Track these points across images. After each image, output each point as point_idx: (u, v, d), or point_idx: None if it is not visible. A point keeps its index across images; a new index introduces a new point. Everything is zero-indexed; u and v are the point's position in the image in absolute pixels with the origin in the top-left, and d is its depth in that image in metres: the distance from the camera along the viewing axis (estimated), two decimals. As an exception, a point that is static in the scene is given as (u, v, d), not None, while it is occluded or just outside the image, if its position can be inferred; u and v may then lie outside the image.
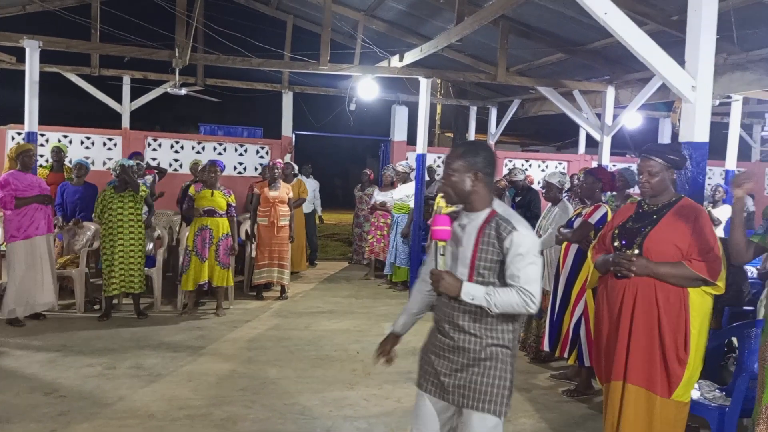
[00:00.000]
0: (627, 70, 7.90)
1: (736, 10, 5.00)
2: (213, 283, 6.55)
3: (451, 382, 2.48)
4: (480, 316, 2.41)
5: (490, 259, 2.40)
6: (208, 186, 6.56)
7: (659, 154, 3.08)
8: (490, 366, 2.43)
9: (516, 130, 15.37)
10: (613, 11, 3.65)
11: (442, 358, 2.53)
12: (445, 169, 2.51)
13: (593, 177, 4.90)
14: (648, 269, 2.97)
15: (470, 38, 7.05)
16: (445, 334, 2.52)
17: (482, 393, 2.42)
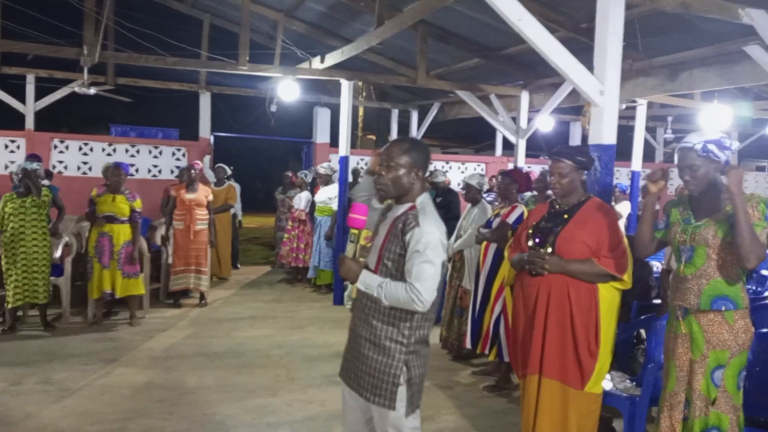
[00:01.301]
0: (540, 75, 8.19)
1: (640, 18, 5.29)
2: (116, 293, 6.16)
3: (354, 370, 2.55)
4: (379, 308, 2.44)
5: (394, 251, 2.43)
6: (111, 190, 6.23)
7: (568, 156, 3.22)
8: (382, 361, 2.45)
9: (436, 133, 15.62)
10: (527, 18, 3.77)
11: (351, 348, 2.60)
12: (387, 161, 2.47)
13: (509, 178, 5.05)
14: (560, 266, 3.09)
15: (391, 41, 7.10)
16: (354, 322, 2.59)
17: (373, 386, 2.46)
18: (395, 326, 2.44)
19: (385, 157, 2.49)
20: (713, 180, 2.80)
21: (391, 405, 2.43)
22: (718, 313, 2.74)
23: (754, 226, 2.66)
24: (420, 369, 2.50)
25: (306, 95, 11.01)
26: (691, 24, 5.62)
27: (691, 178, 2.80)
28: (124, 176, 6.26)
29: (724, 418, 2.74)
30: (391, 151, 2.48)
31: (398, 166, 2.45)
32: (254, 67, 7.80)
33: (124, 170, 6.26)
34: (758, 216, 2.68)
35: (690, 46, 6.31)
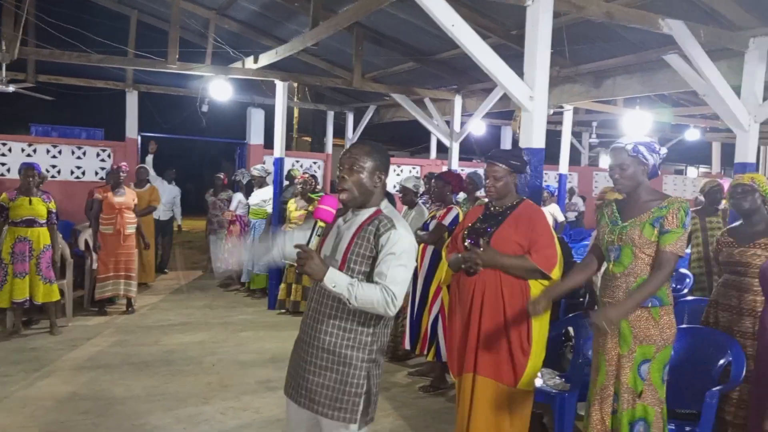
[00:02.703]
0: (473, 80, 8.36)
1: (567, 27, 5.48)
2: (36, 299, 5.84)
3: (305, 385, 2.39)
4: (340, 314, 2.33)
5: (362, 253, 2.33)
6: (24, 192, 5.90)
7: (503, 160, 3.30)
8: (343, 371, 2.33)
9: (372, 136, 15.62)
10: (460, 24, 3.83)
11: (300, 359, 2.44)
12: (350, 164, 2.37)
13: (443, 181, 5.13)
14: (493, 260, 3.17)
15: (326, 43, 7.07)
16: (306, 332, 2.44)
17: (332, 399, 2.33)
18: (357, 333, 2.34)
19: (347, 159, 2.39)
20: (640, 182, 2.93)
21: (352, 418, 2.32)
22: (645, 310, 2.86)
23: (671, 232, 2.80)
24: (378, 379, 2.42)
25: (239, 95, 10.81)
26: (615, 33, 5.87)
27: (620, 176, 2.92)
28: (38, 177, 5.95)
29: (650, 410, 2.86)
30: (353, 154, 2.39)
31: (361, 169, 2.37)
32: (184, 65, 7.60)
33: (37, 170, 5.95)
34: (676, 223, 2.82)
35: (614, 55, 6.59)
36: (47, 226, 5.95)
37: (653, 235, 2.84)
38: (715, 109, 5.33)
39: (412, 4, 3.85)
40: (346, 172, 2.38)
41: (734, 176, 3.94)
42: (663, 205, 2.87)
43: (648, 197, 2.93)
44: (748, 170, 4.71)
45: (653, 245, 2.85)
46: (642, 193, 2.94)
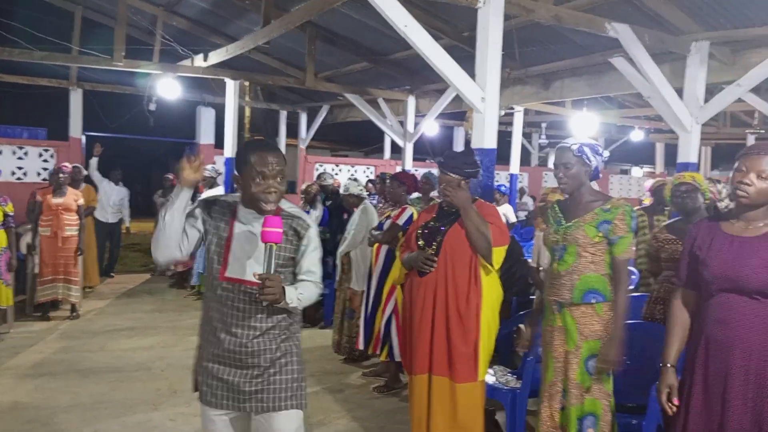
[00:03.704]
0: (425, 81, 8.42)
1: (517, 29, 5.57)
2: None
3: (249, 389, 2.36)
4: (273, 314, 2.36)
5: (285, 256, 2.35)
6: None
7: (457, 170, 3.29)
8: (286, 362, 2.40)
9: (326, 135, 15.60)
10: (413, 24, 3.84)
11: (233, 367, 2.36)
12: (282, 173, 2.33)
13: (397, 181, 5.13)
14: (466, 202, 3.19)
15: (278, 42, 7.00)
16: (235, 341, 2.34)
17: (284, 391, 2.38)
18: (289, 325, 2.44)
19: (279, 168, 2.32)
20: (583, 182, 3.00)
21: (303, 403, 2.42)
22: (589, 306, 2.94)
23: (622, 239, 2.90)
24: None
25: (188, 94, 10.60)
26: (563, 36, 6.00)
27: (563, 175, 2.99)
28: None
29: (599, 404, 2.94)
30: (280, 162, 2.34)
31: (282, 173, 2.35)
32: (131, 63, 7.41)
33: None
34: (625, 229, 2.90)
35: (562, 57, 6.74)
36: (4, 228, 5.76)
37: (596, 236, 2.92)
38: (659, 110, 5.52)
39: (365, 4, 3.84)
40: (281, 182, 2.34)
41: (675, 175, 4.08)
42: (606, 207, 2.94)
43: (590, 198, 3.01)
44: (690, 170, 4.88)
45: (596, 245, 2.93)
46: (584, 194, 3.02)
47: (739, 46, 5.46)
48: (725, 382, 2.30)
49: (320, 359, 5.69)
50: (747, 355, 2.26)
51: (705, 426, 2.37)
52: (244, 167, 2.31)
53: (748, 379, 2.25)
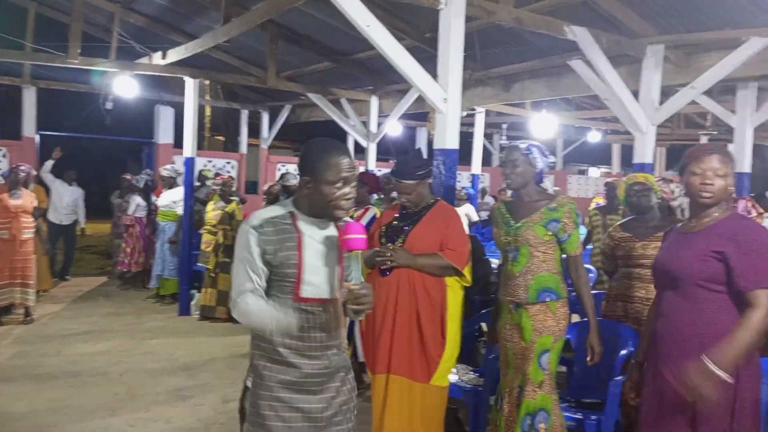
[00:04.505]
0: (388, 81, 8.42)
1: (478, 31, 5.63)
2: None
3: (328, 414, 2.17)
4: (342, 327, 2.25)
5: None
6: None
7: (409, 175, 3.32)
8: (346, 373, 2.27)
9: (288, 135, 15.47)
10: (375, 25, 3.84)
11: (312, 393, 2.15)
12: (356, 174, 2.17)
13: (360, 182, 5.12)
14: (407, 259, 3.21)
15: (239, 40, 6.91)
16: (317, 364, 2.15)
17: (350, 404, 2.28)
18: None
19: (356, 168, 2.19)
20: (528, 181, 3.11)
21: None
22: (543, 304, 3.04)
23: (572, 236, 3.03)
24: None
25: (147, 92, 10.38)
26: (523, 38, 6.08)
27: (510, 172, 3.11)
28: None
29: (548, 399, 3.02)
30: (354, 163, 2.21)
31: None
32: (87, 60, 7.21)
33: None
34: (572, 225, 3.00)
35: (522, 59, 6.83)
36: None
37: (546, 235, 3.04)
38: (616, 112, 5.64)
39: (328, 3, 3.82)
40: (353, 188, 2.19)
41: (628, 176, 4.18)
42: (552, 206, 3.05)
43: (536, 197, 3.13)
44: (646, 170, 5.00)
45: (546, 243, 3.04)
46: (531, 194, 3.14)
47: (693, 49, 5.62)
48: (663, 375, 2.40)
49: (283, 361, 5.64)
50: (681, 348, 2.35)
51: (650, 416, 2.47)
52: (320, 171, 2.09)
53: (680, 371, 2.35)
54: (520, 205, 3.14)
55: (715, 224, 2.36)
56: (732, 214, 2.40)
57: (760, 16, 4.76)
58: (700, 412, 2.27)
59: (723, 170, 2.34)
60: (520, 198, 3.15)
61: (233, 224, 6.97)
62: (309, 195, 2.13)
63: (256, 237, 2.10)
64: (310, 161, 2.13)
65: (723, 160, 2.35)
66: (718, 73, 5.16)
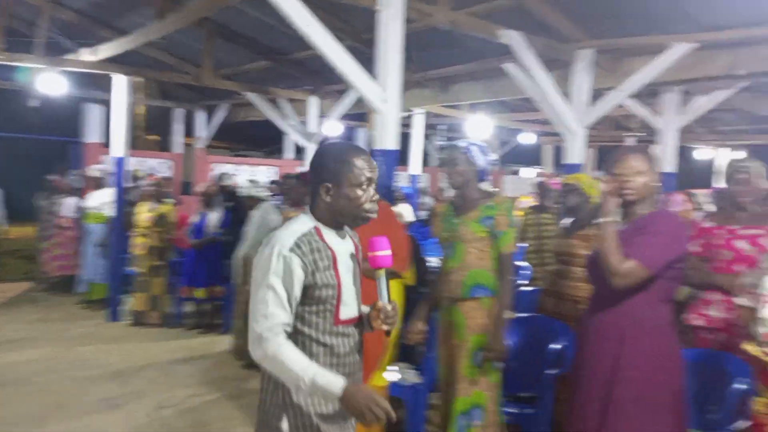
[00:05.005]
0: (328, 81, 8.39)
1: (416, 33, 5.67)
2: None
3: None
4: None
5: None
6: None
7: None
8: None
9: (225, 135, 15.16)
10: (315, 25, 3.83)
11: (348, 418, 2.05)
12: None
13: (300, 182, 5.10)
14: None
15: (174, 37, 6.73)
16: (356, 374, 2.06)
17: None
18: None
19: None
20: (469, 179, 3.17)
21: None
22: (476, 301, 3.09)
23: (506, 234, 3.07)
24: None
25: (75, 90, 9.96)
26: (460, 41, 6.18)
27: (451, 171, 3.16)
28: None
29: (484, 396, 3.07)
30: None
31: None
32: (11, 56, 6.87)
33: None
34: (507, 224, 3.08)
35: (459, 62, 6.94)
36: None
37: (481, 231, 3.09)
38: (548, 114, 5.81)
39: (265, 2, 3.78)
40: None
41: (563, 176, 4.33)
42: (490, 204, 3.12)
43: (476, 196, 3.18)
44: (576, 171, 5.18)
45: (481, 240, 3.10)
46: (472, 192, 3.19)
47: (621, 54, 5.85)
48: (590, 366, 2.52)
49: (219, 365, 5.54)
50: (605, 341, 2.47)
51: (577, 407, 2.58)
52: (342, 174, 1.92)
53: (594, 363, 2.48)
54: (462, 203, 3.19)
55: (638, 219, 2.48)
56: (656, 211, 2.53)
57: (683, 23, 5.01)
58: (616, 403, 2.38)
59: (642, 168, 2.47)
60: (462, 196, 3.20)
61: (167, 226, 6.78)
62: (332, 203, 1.94)
63: (300, 261, 1.86)
64: (328, 166, 1.94)
65: (642, 160, 2.49)
66: (644, 77, 5.40)
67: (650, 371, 2.38)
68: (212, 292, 6.66)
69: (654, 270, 2.35)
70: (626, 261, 2.33)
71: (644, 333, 2.40)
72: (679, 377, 2.47)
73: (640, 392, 2.37)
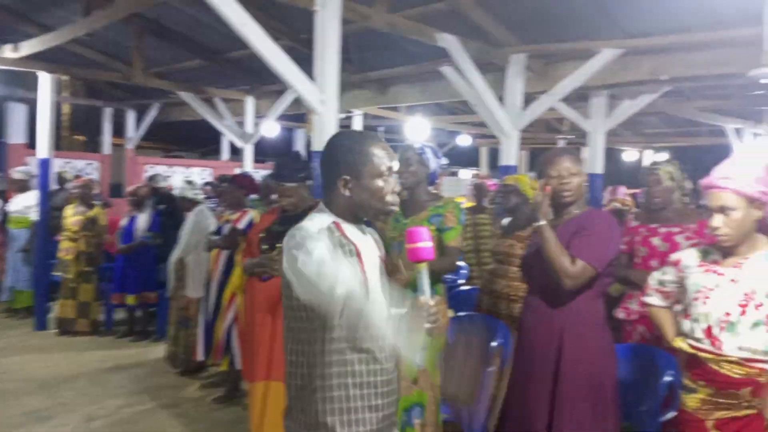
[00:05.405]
0: (265, 81, 8.27)
1: (354, 35, 5.69)
2: None
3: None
4: None
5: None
6: None
7: (291, 178, 3.30)
8: None
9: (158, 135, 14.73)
10: (250, 24, 3.77)
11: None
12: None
13: (235, 185, 5.01)
14: None
15: (102, 34, 6.49)
16: (391, 401, 1.91)
17: None
18: None
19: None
20: (421, 181, 3.19)
21: None
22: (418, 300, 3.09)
23: (452, 229, 3.10)
24: None
25: (-4, 88, 9.46)
26: (398, 44, 6.22)
27: (404, 171, 3.16)
28: None
29: (424, 395, 3.10)
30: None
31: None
32: None
33: None
34: (454, 221, 3.13)
35: (397, 64, 6.99)
36: None
37: (431, 230, 3.11)
38: (483, 117, 5.93)
39: (199, -1, 3.70)
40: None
41: (502, 178, 4.42)
42: (439, 204, 3.16)
43: (426, 197, 3.22)
44: (511, 172, 5.30)
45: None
46: (422, 193, 3.22)
47: (552, 59, 6.04)
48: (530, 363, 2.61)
49: (153, 373, 5.38)
50: (546, 338, 2.55)
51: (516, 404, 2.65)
52: (361, 165, 1.80)
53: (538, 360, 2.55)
54: (412, 203, 3.20)
55: (571, 219, 2.56)
56: (589, 210, 2.63)
57: (610, 29, 5.22)
58: (563, 398, 2.45)
59: (575, 169, 2.58)
60: (412, 197, 3.21)
61: (96, 230, 6.53)
62: (351, 197, 1.81)
63: (325, 241, 1.72)
64: (344, 157, 1.82)
65: (574, 161, 2.60)
66: (574, 82, 5.59)
67: (592, 365, 2.48)
68: (144, 299, 6.45)
69: (601, 268, 2.46)
70: (576, 261, 2.41)
71: (584, 328, 2.50)
72: (614, 370, 2.57)
73: (584, 386, 2.46)
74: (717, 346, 2.14)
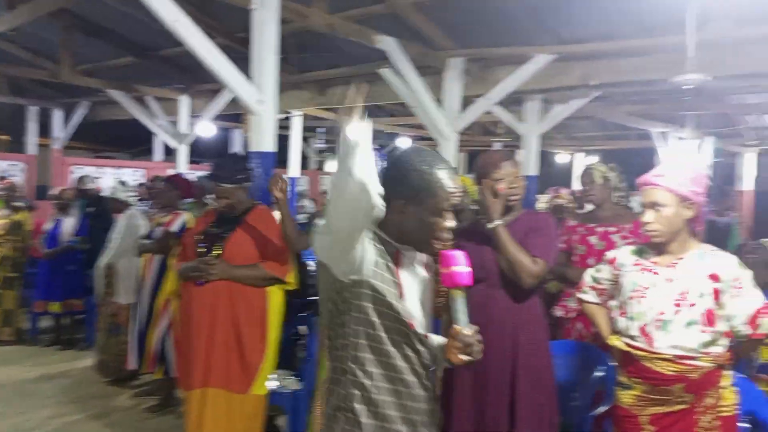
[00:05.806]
0: (200, 79, 8.08)
1: (293, 35, 5.62)
2: None
3: None
4: None
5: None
6: None
7: (228, 179, 3.22)
8: None
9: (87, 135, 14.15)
10: (184, 21, 3.66)
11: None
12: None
13: (169, 186, 4.87)
14: (226, 272, 3.10)
15: (27, 29, 6.19)
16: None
17: None
18: None
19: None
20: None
21: None
22: None
23: None
24: None
25: None
26: (337, 45, 6.20)
27: None
28: None
29: None
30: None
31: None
32: None
33: None
34: None
35: (337, 65, 6.96)
36: None
37: None
38: (422, 119, 5.98)
39: (129, -6, 3.57)
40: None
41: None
42: None
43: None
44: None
45: None
46: None
47: (488, 63, 6.15)
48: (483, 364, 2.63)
49: (82, 383, 5.16)
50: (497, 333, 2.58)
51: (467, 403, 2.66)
52: (424, 196, 1.65)
53: (495, 359, 2.58)
54: None
55: (515, 220, 2.62)
56: (529, 211, 2.72)
57: (544, 35, 5.36)
58: (521, 394, 2.48)
59: (518, 172, 2.65)
60: None
61: (21, 234, 6.21)
62: (402, 223, 1.67)
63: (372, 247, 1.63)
64: (408, 180, 1.65)
65: (517, 164, 2.67)
66: (509, 86, 5.71)
67: (542, 360, 2.55)
68: (70, 306, 6.17)
69: (551, 266, 2.59)
70: (536, 261, 2.45)
71: (534, 324, 2.57)
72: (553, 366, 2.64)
73: (538, 380, 2.52)
74: (651, 344, 2.21)
